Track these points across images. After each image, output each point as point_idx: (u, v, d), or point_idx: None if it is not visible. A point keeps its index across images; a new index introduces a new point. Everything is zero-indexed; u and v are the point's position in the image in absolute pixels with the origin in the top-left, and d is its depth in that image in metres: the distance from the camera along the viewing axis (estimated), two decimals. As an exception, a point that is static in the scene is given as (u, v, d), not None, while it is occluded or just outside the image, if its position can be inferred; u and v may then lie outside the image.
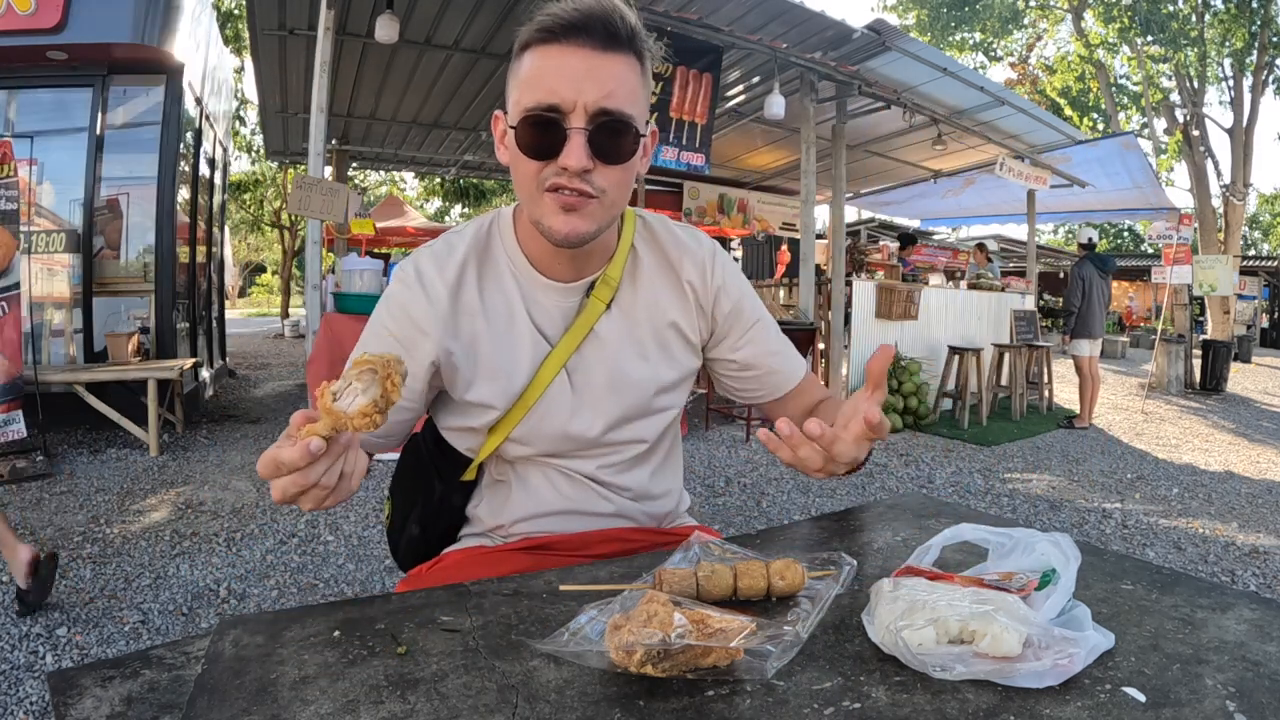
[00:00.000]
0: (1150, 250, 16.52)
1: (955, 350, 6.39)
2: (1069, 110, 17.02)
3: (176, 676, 0.62)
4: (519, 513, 0.97)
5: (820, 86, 5.87)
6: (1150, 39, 13.31)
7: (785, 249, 11.86)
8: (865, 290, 6.32)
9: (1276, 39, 12.97)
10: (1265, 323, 21.07)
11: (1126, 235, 31.83)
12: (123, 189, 5.29)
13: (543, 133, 0.79)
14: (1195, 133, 13.58)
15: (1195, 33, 12.81)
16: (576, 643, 0.58)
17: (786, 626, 0.61)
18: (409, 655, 0.61)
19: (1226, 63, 13.55)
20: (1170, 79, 14.17)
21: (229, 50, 9.73)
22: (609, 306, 0.93)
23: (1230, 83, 13.92)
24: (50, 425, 4.35)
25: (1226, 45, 12.78)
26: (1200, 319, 14.49)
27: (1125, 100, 17.04)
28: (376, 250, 12.26)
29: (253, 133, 15.03)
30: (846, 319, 6.24)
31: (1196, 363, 9.50)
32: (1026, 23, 17.44)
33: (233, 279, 26.45)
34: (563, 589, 0.74)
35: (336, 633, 0.65)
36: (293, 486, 0.62)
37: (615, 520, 0.99)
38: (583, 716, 0.52)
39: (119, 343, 4.76)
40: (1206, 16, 12.99)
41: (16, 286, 4.02)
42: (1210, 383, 9.29)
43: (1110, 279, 6.81)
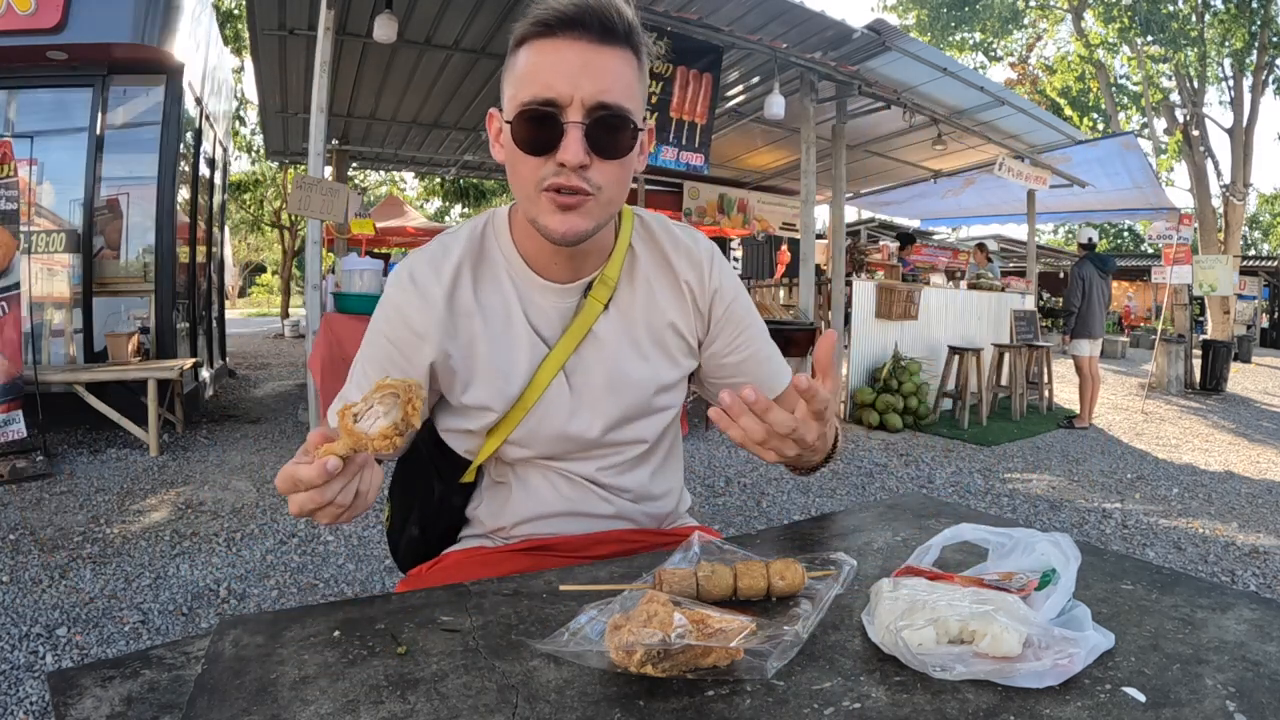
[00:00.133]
0: (1150, 250, 16.54)
1: (955, 350, 6.39)
2: (1069, 110, 17.02)
3: (176, 676, 0.62)
4: (519, 515, 0.97)
5: (820, 86, 5.87)
6: (1150, 39, 13.30)
7: (785, 249, 11.87)
8: (865, 290, 6.32)
9: (1276, 39, 12.96)
10: (1265, 323, 21.09)
11: (1126, 235, 31.83)
12: (123, 189, 5.30)
13: (539, 127, 0.78)
14: (1195, 133, 13.58)
15: (1195, 33, 12.81)
16: (576, 643, 0.58)
17: (786, 626, 0.61)
18: (409, 655, 0.61)
19: (1226, 63, 13.55)
20: (1170, 79, 14.17)
21: (229, 50, 9.74)
22: (607, 307, 0.93)
23: (1230, 83, 13.93)
24: (50, 425, 4.35)
25: (1226, 45, 12.78)
26: (1200, 319, 14.49)
27: (1125, 100, 17.04)
28: (376, 250, 12.26)
29: (253, 133, 15.04)
30: (846, 319, 6.24)
31: (1196, 363, 9.51)
32: (1026, 23, 17.43)
33: (233, 279, 26.46)
34: (563, 589, 0.74)
35: (336, 633, 0.65)
36: (310, 503, 0.65)
37: (616, 522, 0.98)
38: (583, 716, 0.52)
39: (119, 343, 4.76)
40: (1206, 16, 12.98)
41: (16, 286, 4.03)
42: (1210, 383, 9.29)
43: (1110, 279, 6.81)
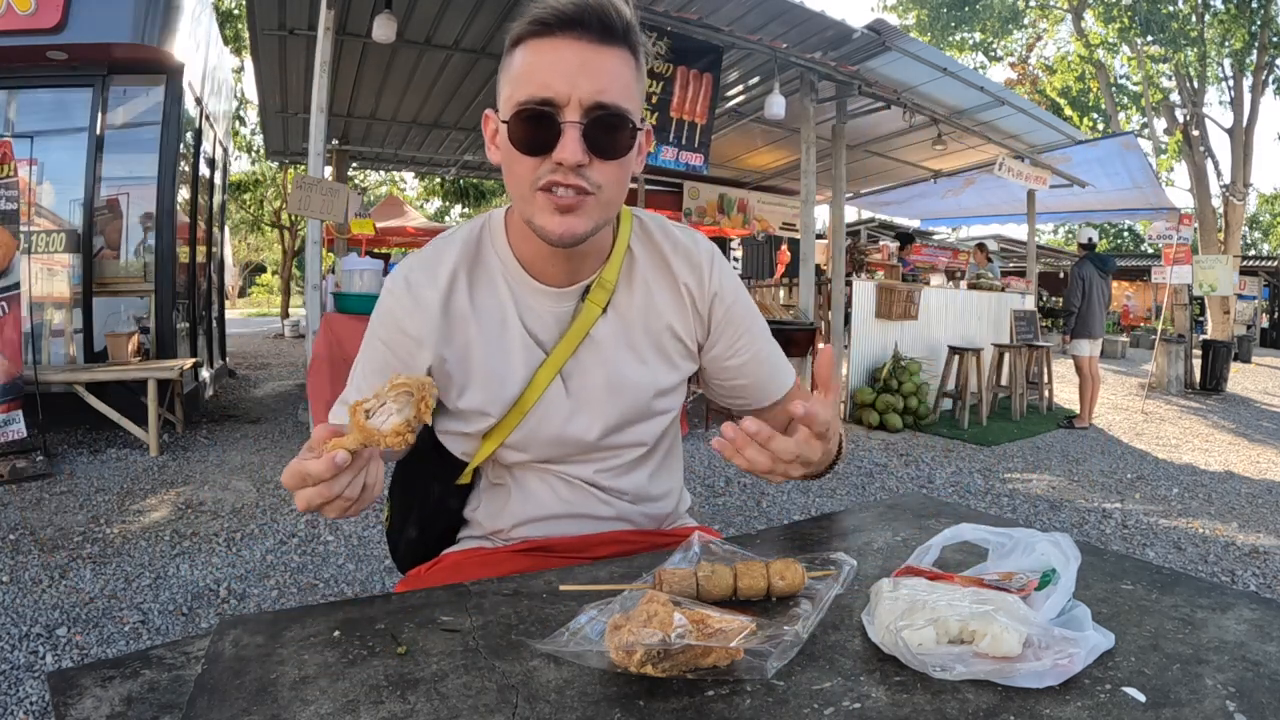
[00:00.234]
0: (1150, 250, 16.52)
1: (955, 350, 6.39)
2: (1069, 110, 17.01)
3: (176, 676, 0.62)
4: (517, 517, 0.97)
5: (820, 86, 5.86)
6: (1150, 39, 13.30)
7: (785, 249, 11.85)
8: (865, 290, 6.32)
9: (1276, 39, 12.96)
10: (1265, 323, 21.09)
11: (1126, 235, 31.83)
12: (123, 189, 5.29)
13: (536, 127, 0.77)
14: (1195, 133, 13.58)
15: (1195, 33, 12.81)
16: (576, 643, 0.58)
17: (786, 626, 0.61)
18: (409, 655, 0.61)
19: (1226, 63, 13.54)
20: (1170, 79, 14.16)
21: (229, 50, 9.73)
22: (605, 310, 0.92)
23: (1230, 83, 13.92)
24: (50, 425, 4.35)
25: (1226, 45, 12.77)
26: (1200, 319, 14.49)
27: (1125, 100, 17.04)
28: (376, 250, 12.27)
29: (253, 133, 15.04)
30: (846, 319, 6.24)
31: (1196, 363, 9.51)
32: (1026, 23, 17.42)
33: (233, 279, 26.45)
34: (563, 589, 0.74)
35: (336, 633, 0.65)
36: (317, 497, 0.66)
37: (615, 523, 0.98)
38: (583, 716, 0.52)
39: (119, 343, 4.76)
40: (1206, 16, 12.98)
41: (16, 286, 4.03)
42: (1210, 383, 9.29)
43: (1110, 279, 6.81)
